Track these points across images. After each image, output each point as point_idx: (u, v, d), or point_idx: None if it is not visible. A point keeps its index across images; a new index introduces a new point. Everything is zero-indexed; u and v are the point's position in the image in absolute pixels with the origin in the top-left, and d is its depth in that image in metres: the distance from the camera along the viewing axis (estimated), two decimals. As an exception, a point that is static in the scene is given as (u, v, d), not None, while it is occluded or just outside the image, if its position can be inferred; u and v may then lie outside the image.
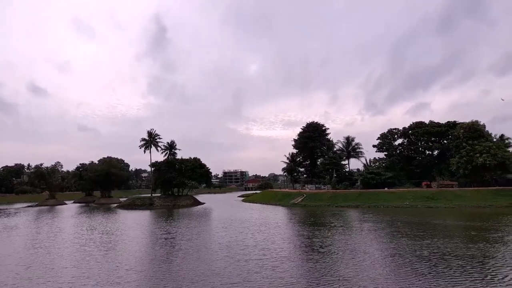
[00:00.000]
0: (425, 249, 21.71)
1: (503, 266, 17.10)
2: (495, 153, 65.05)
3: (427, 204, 59.42)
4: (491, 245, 22.59)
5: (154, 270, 18.62)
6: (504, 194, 60.70)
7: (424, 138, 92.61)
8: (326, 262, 19.03)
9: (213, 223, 42.40)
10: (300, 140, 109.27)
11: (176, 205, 79.90)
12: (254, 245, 24.72)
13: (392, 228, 32.62)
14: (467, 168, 67.02)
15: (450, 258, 19.15)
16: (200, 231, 34.42)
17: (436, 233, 28.80)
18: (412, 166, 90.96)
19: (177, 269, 18.59)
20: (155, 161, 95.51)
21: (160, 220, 48.03)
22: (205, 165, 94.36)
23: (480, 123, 74.14)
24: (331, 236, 28.34)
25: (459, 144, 71.32)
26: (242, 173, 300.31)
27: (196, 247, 24.81)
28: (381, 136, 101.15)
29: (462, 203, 57.94)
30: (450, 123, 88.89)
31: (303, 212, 54.94)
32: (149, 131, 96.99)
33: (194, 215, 55.70)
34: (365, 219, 42.06)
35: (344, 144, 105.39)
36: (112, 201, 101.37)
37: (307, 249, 23.45)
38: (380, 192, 70.83)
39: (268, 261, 19.49)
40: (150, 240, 29.87)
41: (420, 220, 39.59)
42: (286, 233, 32.11)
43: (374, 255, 20.50)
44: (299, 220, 43.73)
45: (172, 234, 32.21)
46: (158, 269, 18.64)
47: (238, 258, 20.48)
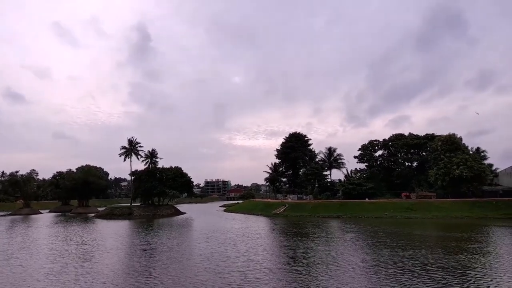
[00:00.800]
0: (407, 260, 21.82)
1: (484, 277, 17.32)
2: (471, 165, 66.83)
3: (407, 215, 60.33)
4: (471, 256, 22.95)
5: (131, 283, 17.90)
6: (480, 205, 62.35)
7: (404, 150, 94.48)
8: (309, 274, 18.83)
9: (194, 233, 41.65)
10: (282, 150, 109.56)
11: (156, 215, 78.21)
12: (237, 256, 24.28)
13: (374, 239, 32.79)
14: (445, 180, 68.52)
15: (432, 269, 19.28)
16: (181, 242, 33.68)
17: (418, 244, 29.09)
18: (392, 177, 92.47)
19: (156, 281, 17.95)
20: (135, 170, 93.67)
21: (139, 230, 46.82)
22: (187, 174, 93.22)
23: (457, 136, 76.27)
24: (314, 247, 28.20)
25: (437, 156, 73.00)
26: (224, 183, 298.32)
27: (176, 259, 24.16)
28: (362, 147, 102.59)
29: (440, 214, 59.13)
30: (428, 135, 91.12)
31: (285, 223, 54.74)
32: (130, 139, 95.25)
33: (174, 225, 54.60)
34: (347, 230, 42.21)
35: (326, 154, 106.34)
36: (90, 211, 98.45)
37: (290, 260, 23.17)
38: (361, 203, 71.51)
39: (251, 273, 19.12)
40: (128, 251, 28.92)
41: (401, 230, 40.03)
42: (268, 243, 31.78)
43: (358, 266, 20.44)
44: (282, 231, 43.47)
45: (152, 245, 31.35)
46: (136, 282, 17.94)
47: (219, 270, 20.02)
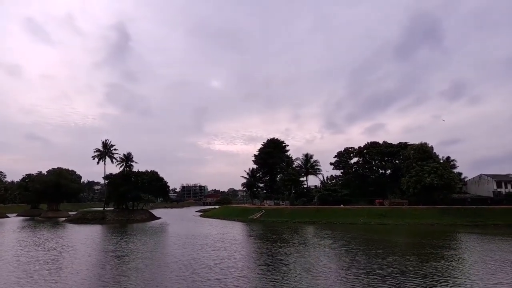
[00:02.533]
0: (387, 267, 22.19)
1: (462, 284, 17.91)
2: (441, 173, 69.29)
3: (380, 221, 61.72)
4: (448, 263, 23.75)
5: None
6: (449, 212, 64.63)
7: (378, 158, 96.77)
8: (289, 282, 18.78)
9: (170, 239, 40.98)
10: (260, 156, 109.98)
11: (130, 220, 76.49)
12: (215, 264, 23.98)
13: (352, 245, 33.30)
14: (417, 188, 70.67)
15: (412, 276, 19.73)
16: (156, 248, 33.06)
17: (395, 251, 29.84)
18: (367, 184, 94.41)
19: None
20: (109, 173, 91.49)
21: (112, 236, 45.64)
22: (163, 178, 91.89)
23: (429, 145, 78.96)
24: (292, 254, 28.30)
25: (410, 164, 75.25)
26: (201, 188, 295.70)
27: (151, 266, 23.64)
28: (338, 154, 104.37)
29: (412, 221, 60.84)
30: (401, 144, 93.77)
31: (262, 228, 54.82)
32: (104, 142, 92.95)
33: (149, 230, 53.59)
34: (324, 236, 42.71)
35: (303, 161, 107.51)
36: (61, 215, 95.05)
37: (269, 267, 23.07)
38: (336, 209, 72.62)
39: (229, 281, 18.95)
40: (100, 258, 28.07)
41: (377, 237, 40.90)
42: (246, 250, 31.67)
43: (338, 274, 20.61)
44: (259, 237, 43.49)
45: (125, 251, 30.60)
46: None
47: (196, 278, 19.68)
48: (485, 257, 26.02)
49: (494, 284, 17.71)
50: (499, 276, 19.57)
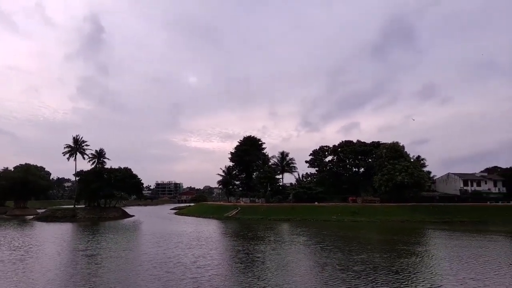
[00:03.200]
0: (361, 264, 22.63)
1: (434, 280, 18.52)
2: (412, 172, 71.66)
3: (353, 218, 63.15)
4: (420, 259, 24.60)
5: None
6: (419, 210, 67.05)
7: (352, 156, 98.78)
8: (265, 280, 18.83)
9: (143, 237, 40.22)
10: (236, 153, 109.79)
11: (102, 218, 74.63)
12: (191, 262, 23.69)
13: (327, 242, 33.77)
14: (388, 186, 72.77)
15: (386, 272, 20.22)
16: (128, 247, 32.33)
17: (369, 247, 30.58)
18: (340, 182, 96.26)
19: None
20: (80, 170, 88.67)
21: (83, 234, 44.34)
22: (137, 175, 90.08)
23: (400, 144, 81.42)
24: (268, 251, 28.39)
25: (382, 163, 77.35)
26: (176, 185, 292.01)
27: (123, 265, 23.06)
28: (313, 152, 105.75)
29: (383, 218, 62.63)
30: (374, 143, 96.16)
31: (238, 226, 54.82)
32: (75, 137, 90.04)
33: (122, 228, 52.43)
34: (299, 233, 43.18)
35: (279, 159, 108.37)
36: (28, 213, 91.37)
37: (245, 265, 23.02)
38: (311, 206, 73.69)
39: (205, 279, 18.72)
40: (70, 257, 27.12)
41: (351, 234, 41.78)
42: (222, 248, 31.55)
43: (314, 271, 20.89)
44: (235, 234, 43.41)
45: (96, 250, 29.74)
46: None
47: (170, 278, 19.31)
48: (453, 253, 27.14)
49: (462, 278, 18.48)
50: (467, 271, 20.44)
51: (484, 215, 62.28)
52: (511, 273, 19.96)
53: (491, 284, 17.26)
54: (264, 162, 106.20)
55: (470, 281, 17.81)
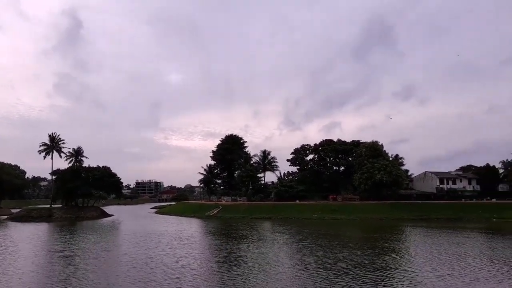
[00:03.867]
0: (344, 261, 22.90)
1: (415, 277, 18.93)
2: (390, 170, 73.19)
3: (333, 216, 64.05)
4: (400, 256, 25.16)
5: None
6: (397, 207, 68.63)
7: (332, 155, 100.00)
8: (248, 279, 18.77)
9: (123, 237, 39.48)
10: (218, 152, 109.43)
11: (79, 217, 72.81)
12: (170, 262, 23.37)
13: (309, 240, 34.06)
14: (367, 184, 74.07)
15: (368, 269, 20.54)
16: (108, 247, 31.65)
17: (351, 245, 31.09)
18: (321, 180, 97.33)
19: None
20: (57, 169, 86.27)
21: (60, 234, 43.12)
22: (116, 174, 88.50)
23: (379, 143, 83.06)
24: (251, 250, 28.35)
25: (361, 161, 78.68)
26: (157, 184, 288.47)
27: (103, 266, 22.53)
28: (294, 151, 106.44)
29: (363, 216, 63.79)
30: (354, 142, 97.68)
31: (220, 225, 54.62)
32: (52, 135, 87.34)
33: (100, 228, 51.33)
34: (281, 231, 43.36)
35: (261, 157, 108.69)
36: (2, 212, 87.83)
37: (227, 265, 22.90)
38: (292, 205, 74.23)
39: (187, 279, 18.49)
40: (46, 258, 26.24)
41: (332, 232, 42.33)
42: (204, 247, 31.34)
43: (298, 269, 20.96)
44: (216, 233, 43.16)
45: (74, 251, 28.94)
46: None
47: (151, 278, 18.95)
48: (432, 249, 27.84)
49: (441, 274, 18.97)
50: (445, 267, 21.00)
51: (459, 212, 64.29)
52: (488, 268, 20.62)
53: (468, 280, 17.80)
54: (246, 160, 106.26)
55: (448, 277, 18.32)
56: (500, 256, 24.89)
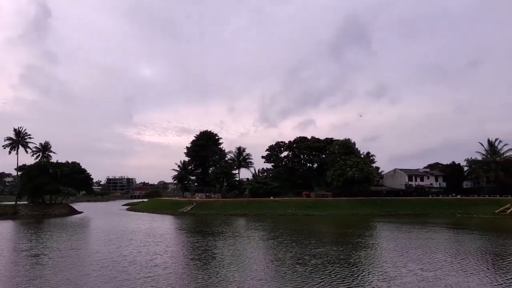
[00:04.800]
0: (321, 257, 23.19)
1: (388, 272, 19.49)
2: (362, 167, 75.09)
3: (307, 212, 65.03)
4: (374, 251, 25.92)
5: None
6: (367, 203, 70.51)
7: (306, 152, 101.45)
8: (224, 276, 18.66)
9: (93, 235, 38.33)
10: (192, 148, 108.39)
11: (47, 215, 70.23)
12: (144, 261, 22.83)
13: (285, 237, 34.27)
14: (340, 180, 75.69)
15: (343, 264, 20.92)
16: (77, 245, 30.60)
17: (326, 241, 31.65)
18: (295, 177, 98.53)
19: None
20: (23, 164, 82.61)
21: (25, 232, 41.31)
22: (85, 170, 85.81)
23: (352, 141, 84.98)
24: (226, 247, 28.26)
25: (334, 158, 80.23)
26: (129, 180, 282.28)
27: (72, 266, 21.73)
28: (269, 148, 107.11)
29: (335, 211, 65.16)
30: (328, 139, 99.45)
31: (194, 221, 54.18)
32: (17, 129, 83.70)
33: (69, 226, 49.62)
34: (257, 228, 43.54)
35: (236, 154, 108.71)
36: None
37: (202, 262, 22.69)
38: (266, 201, 74.72)
39: (161, 278, 18.10)
40: (10, 257, 25.00)
41: (307, 227, 42.90)
42: (178, 245, 30.94)
43: (275, 265, 21.12)
44: (191, 230, 42.76)
45: (40, 250, 27.80)
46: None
47: (124, 277, 18.40)
48: (404, 244, 28.72)
49: (414, 269, 19.63)
50: (417, 262, 21.73)
51: (426, 208, 66.93)
52: (457, 262, 21.51)
53: (440, 274, 18.44)
54: (221, 157, 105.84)
55: (420, 272, 18.93)
56: (468, 250, 26.08)
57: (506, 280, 17.28)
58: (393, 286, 16.12)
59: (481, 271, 19.26)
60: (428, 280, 17.22)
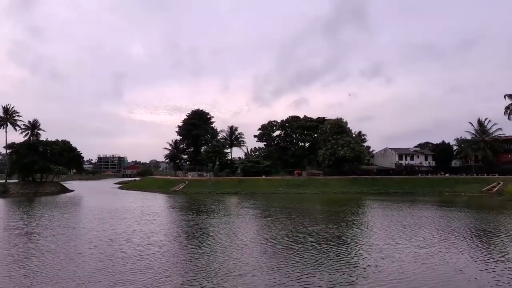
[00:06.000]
0: (315, 235, 23.49)
1: (383, 250, 19.89)
2: (353, 147, 75.81)
3: (298, 191, 65.82)
4: (369, 229, 26.34)
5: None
6: (358, 182, 71.53)
7: (298, 131, 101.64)
8: (221, 254, 18.85)
9: (86, 213, 38.19)
10: (184, 127, 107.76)
11: (38, 193, 69.90)
12: (137, 239, 22.91)
13: (279, 215, 34.56)
14: (331, 159, 76.46)
15: (338, 242, 21.26)
16: (69, 224, 30.53)
17: (320, 218, 32.23)
18: (287, 156, 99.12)
19: (34, 274, 15.39)
20: (12, 142, 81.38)
21: (16, 211, 41.08)
22: (76, 148, 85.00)
23: (344, 120, 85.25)
24: (221, 225, 28.37)
25: (326, 138, 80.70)
26: (120, 159, 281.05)
27: (65, 244, 21.63)
28: (262, 127, 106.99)
29: (326, 190, 66.11)
30: (320, 118, 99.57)
31: (186, 200, 54.43)
32: (5, 107, 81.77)
33: (61, 204, 49.40)
34: (250, 206, 43.87)
35: (228, 133, 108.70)
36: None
37: (198, 240, 22.77)
38: (258, 180, 75.24)
39: (156, 257, 18.16)
40: (1, 236, 24.88)
41: (302, 206, 43.31)
42: (173, 223, 31.12)
43: (272, 243, 21.41)
44: (184, 208, 42.87)
45: (33, 228, 27.63)
46: (6, 277, 15.00)
47: (119, 256, 18.45)
48: (395, 222, 29.21)
49: (410, 246, 19.99)
50: (410, 239, 22.13)
51: (416, 187, 68.26)
52: (451, 239, 21.98)
53: (434, 251, 18.81)
54: (213, 136, 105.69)
55: (416, 249, 19.28)
56: (459, 227, 26.71)
57: (502, 256, 17.69)
58: (390, 263, 16.38)
59: (475, 247, 19.71)
60: (423, 256, 17.53)
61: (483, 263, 16.38)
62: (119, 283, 13.79)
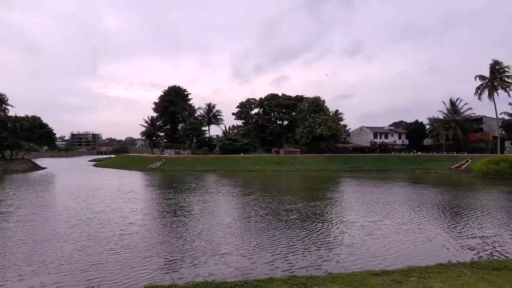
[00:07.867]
0: (296, 212, 23.88)
1: (365, 226, 20.40)
2: (330, 125, 76.86)
3: (275, 168, 66.58)
4: (347, 205, 27.03)
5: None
6: (334, 160, 73.07)
7: (277, 109, 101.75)
8: (203, 232, 18.84)
9: (60, 191, 37.03)
10: (160, 103, 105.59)
11: (8, 170, 67.41)
12: (116, 218, 22.49)
13: (259, 193, 34.62)
14: (308, 138, 77.47)
15: (322, 220, 21.64)
16: (43, 202, 29.60)
17: (300, 196, 32.52)
18: (265, 134, 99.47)
19: (8, 255, 14.87)
20: (-22, 118, 77.19)
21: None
22: (47, 125, 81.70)
23: (321, 98, 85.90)
24: (201, 203, 28.21)
25: (304, 116, 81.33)
26: (94, 136, 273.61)
27: (39, 224, 20.88)
28: (240, 105, 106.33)
29: (303, 167, 67.23)
30: (298, 97, 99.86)
31: (164, 178, 53.93)
32: (-32, 80, 77.11)
33: (34, 182, 47.79)
34: (229, 184, 43.87)
35: (206, 110, 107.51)
36: None
37: (179, 219, 22.54)
38: (236, 158, 75.42)
39: (137, 236, 17.89)
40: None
41: (280, 184, 43.87)
42: (152, 201, 30.73)
43: (254, 220, 21.53)
44: (163, 186, 42.36)
45: (4, 207, 26.55)
46: None
47: (98, 236, 17.98)
48: (372, 199, 30.06)
49: (393, 223, 20.68)
50: (390, 215, 22.90)
51: (389, 164, 70.56)
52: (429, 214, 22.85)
53: (414, 227, 19.45)
54: (190, 113, 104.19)
55: (397, 225, 19.91)
56: (434, 202, 27.86)
57: (480, 229, 18.68)
58: (374, 239, 16.75)
59: (454, 223, 20.52)
60: (405, 233, 18.06)
61: (466, 238, 16.95)
62: (99, 264, 13.50)
